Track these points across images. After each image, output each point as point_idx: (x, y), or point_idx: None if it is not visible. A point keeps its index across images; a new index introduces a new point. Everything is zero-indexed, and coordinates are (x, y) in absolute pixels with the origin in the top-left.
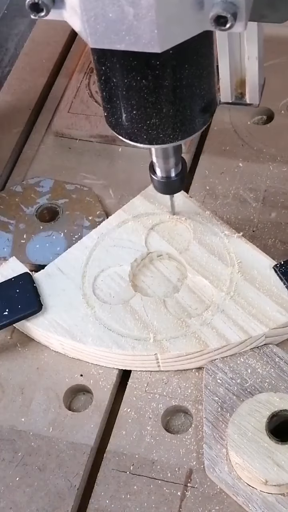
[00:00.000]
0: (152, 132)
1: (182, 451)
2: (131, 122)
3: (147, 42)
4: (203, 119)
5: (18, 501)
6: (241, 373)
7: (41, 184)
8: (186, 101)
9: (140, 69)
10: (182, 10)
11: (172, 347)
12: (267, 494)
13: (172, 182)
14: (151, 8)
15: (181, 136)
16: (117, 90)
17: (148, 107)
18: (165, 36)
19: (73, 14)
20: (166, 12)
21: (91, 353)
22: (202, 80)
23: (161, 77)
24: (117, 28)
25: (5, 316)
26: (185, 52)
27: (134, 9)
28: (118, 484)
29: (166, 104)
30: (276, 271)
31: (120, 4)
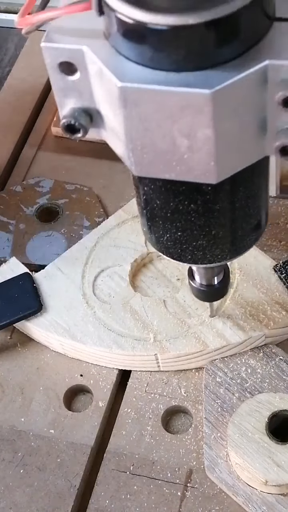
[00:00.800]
0: (197, 253)
1: (182, 451)
2: (174, 243)
3: (202, 173)
4: (255, 236)
5: (18, 501)
6: (241, 373)
7: (41, 184)
8: (238, 222)
9: (189, 194)
10: (243, 139)
11: (172, 347)
12: (267, 494)
13: (214, 290)
14: (209, 141)
15: (229, 256)
16: (161, 211)
17: (195, 230)
18: (223, 167)
19: (115, 137)
20: (225, 143)
21: (91, 353)
22: (256, 199)
23: (212, 201)
24: (167, 158)
25: (5, 316)
26: (240, 175)
27: (189, 141)
28: (118, 484)
29: (215, 227)
30: (276, 271)
31: (172, 136)
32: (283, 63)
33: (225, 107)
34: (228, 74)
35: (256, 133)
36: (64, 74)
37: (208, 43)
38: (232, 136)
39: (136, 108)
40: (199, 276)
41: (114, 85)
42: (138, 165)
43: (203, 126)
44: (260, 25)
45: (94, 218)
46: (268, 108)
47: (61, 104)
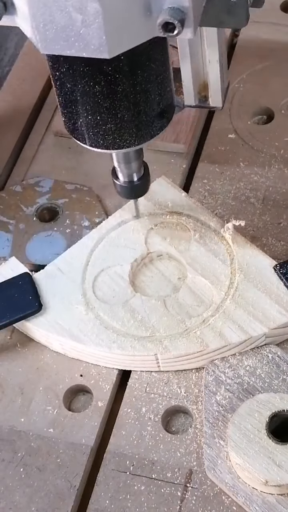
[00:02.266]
0: (108, 138)
1: (182, 451)
2: (87, 127)
3: (96, 48)
4: (160, 124)
5: (18, 502)
6: (241, 374)
7: (41, 184)
8: (141, 106)
9: (92, 74)
10: (130, 16)
11: (172, 347)
12: (267, 495)
13: (135, 187)
14: (98, 14)
15: (137, 141)
16: (72, 95)
17: (103, 112)
18: (114, 42)
19: (24, 20)
20: (113, 19)
21: (91, 353)
22: (157, 85)
23: (114, 82)
24: (66, 34)
25: (5, 316)
26: (137, 58)
27: (82, 15)
28: (118, 485)
29: (120, 110)
30: (276, 271)
31: (68, 11)
32: None
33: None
34: None
35: (142, 12)
36: None
37: None
38: (119, 12)
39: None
40: (121, 174)
41: None
42: (43, 42)
43: (91, 0)
44: None
45: (94, 218)
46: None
47: None
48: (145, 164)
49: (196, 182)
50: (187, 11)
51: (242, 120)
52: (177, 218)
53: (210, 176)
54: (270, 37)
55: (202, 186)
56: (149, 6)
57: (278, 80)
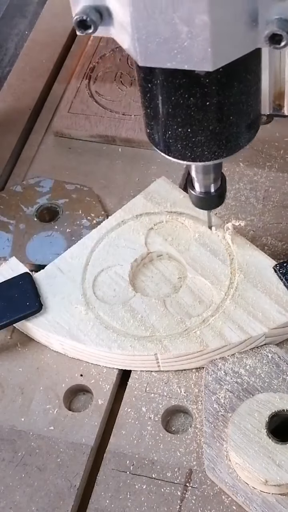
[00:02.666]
0: (196, 150)
1: (182, 451)
2: (175, 140)
3: (199, 60)
4: (248, 135)
5: (18, 501)
6: (241, 373)
7: (41, 184)
8: (233, 118)
9: (188, 87)
10: (236, 28)
11: (172, 347)
12: (267, 494)
13: (211, 198)
14: (205, 26)
15: (226, 153)
16: (163, 107)
17: (194, 125)
18: (218, 54)
19: (122, 31)
20: (220, 30)
21: (91, 353)
22: (250, 96)
23: (209, 94)
24: (169, 46)
25: (5, 316)
26: (235, 69)
27: (188, 27)
28: (118, 484)
29: (213, 122)
30: (276, 271)
31: (174, 23)
32: None
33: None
34: None
35: (248, 23)
36: None
37: None
38: (226, 24)
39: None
40: (198, 184)
41: None
42: (143, 55)
43: (201, 12)
44: None
45: (94, 218)
46: (259, 1)
47: (74, 2)
48: (223, 176)
49: None
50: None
51: None
52: (177, 218)
53: None
54: None
55: None
56: (255, 17)
57: None
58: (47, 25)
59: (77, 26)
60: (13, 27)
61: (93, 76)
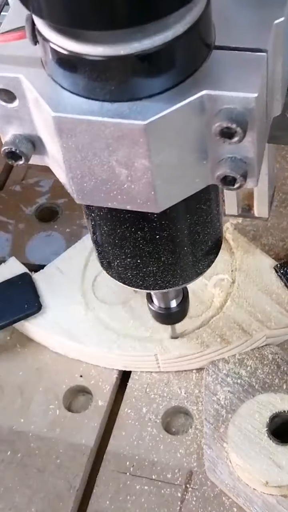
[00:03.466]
0: (149, 279)
1: (182, 452)
2: (124, 269)
3: (143, 202)
4: (207, 261)
5: (17, 502)
6: (242, 374)
7: (40, 184)
8: (187, 249)
9: (135, 222)
10: (184, 169)
11: (172, 348)
12: (268, 495)
13: (172, 314)
14: (147, 170)
15: (182, 281)
16: (109, 238)
17: (144, 256)
18: (164, 196)
19: (56, 164)
20: (165, 173)
21: (91, 354)
22: (206, 225)
23: (158, 228)
24: (107, 187)
25: (4, 317)
26: (185, 203)
27: (128, 170)
28: (118, 486)
29: (164, 253)
30: (277, 271)
31: (111, 165)
32: (220, 93)
33: (161, 138)
34: (162, 105)
35: (196, 162)
36: (4, 101)
37: (140, 74)
38: (171, 166)
39: (72, 138)
40: (157, 300)
41: (49, 114)
42: (79, 193)
43: (140, 157)
44: (197, 55)
45: None
46: (207, 138)
47: (3, 131)
48: (185, 290)
49: None
50: (251, 162)
51: None
52: None
53: None
54: None
55: None
56: (205, 156)
57: None
58: None
59: (7, 157)
60: None
61: None
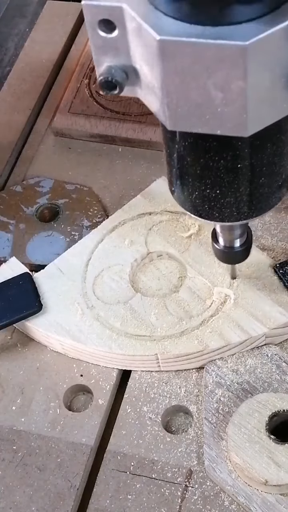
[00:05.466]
0: (225, 211)
1: (182, 451)
2: (202, 200)
3: (233, 126)
4: (279, 194)
5: (18, 501)
6: (241, 373)
7: (41, 184)
8: (264, 179)
9: (219, 150)
10: (274, 92)
11: (172, 347)
12: (267, 494)
13: (235, 253)
14: (242, 92)
15: (256, 213)
16: (191, 169)
17: (223, 186)
18: (254, 120)
19: (150, 93)
20: (257, 96)
21: (91, 353)
22: (283, 156)
23: (241, 157)
24: (201, 112)
25: (5, 316)
26: (268, 131)
27: (223, 93)
28: (118, 484)
29: (243, 184)
30: (276, 271)
31: (207, 89)
32: None
33: (259, 60)
34: (262, 28)
35: (285, 87)
36: (103, 32)
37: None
38: (263, 89)
39: (174, 61)
40: (223, 239)
41: (153, 39)
42: (172, 119)
43: (237, 79)
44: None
45: (94, 218)
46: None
47: (98, 62)
48: (248, 229)
49: None
50: None
51: None
52: (177, 218)
53: None
54: None
55: None
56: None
57: None
58: (47, 25)
59: (102, 87)
60: (13, 27)
61: (93, 76)
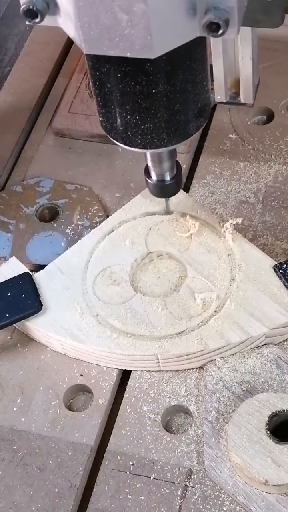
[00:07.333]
0: (146, 137)
1: (182, 451)
2: (125, 127)
3: (141, 48)
4: (197, 123)
5: (18, 501)
6: (241, 373)
7: (41, 184)
8: (180, 106)
9: (134, 74)
10: (175, 16)
11: (172, 347)
12: (267, 494)
13: (167, 186)
14: (144, 15)
15: (175, 140)
16: (112, 95)
17: (142, 112)
18: (159, 42)
19: (68, 20)
20: (159, 19)
21: (91, 353)
22: (196, 85)
23: (154, 82)
24: (111, 34)
25: (5, 316)
26: (178, 57)
27: (128, 15)
28: (118, 484)
29: (160, 109)
30: (276, 271)
31: (114, 11)
32: None
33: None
34: None
35: (186, 12)
36: None
37: None
38: (164, 12)
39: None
40: (154, 173)
41: None
42: (87, 43)
43: (138, 1)
44: None
45: (94, 218)
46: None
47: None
48: (178, 164)
49: (196, 182)
50: (231, 11)
51: (242, 120)
52: (177, 218)
53: (210, 176)
54: (270, 38)
55: (202, 186)
56: (193, 6)
57: (278, 81)
58: None
59: (24, 15)
60: (13, 27)
61: None
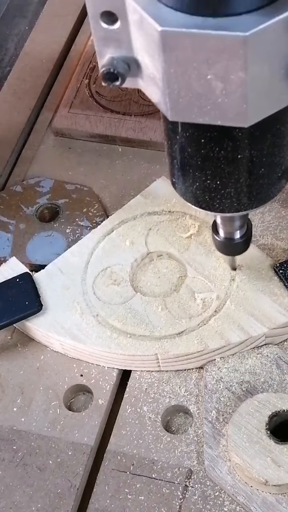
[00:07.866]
0: (226, 201)
1: (182, 451)
2: (203, 191)
3: (234, 116)
4: (279, 185)
5: (18, 501)
6: (241, 373)
7: (41, 184)
8: (264, 169)
9: (219, 140)
10: (273, 83)
11: (172, 347)
12: (267, 494)
13: (235, 244)
14: (242, 83)
15: (256, 204)
16: (191, 159)
17: (224, 177)
18: (254, 110)
19: (152, 84)
20: (257, 87)
21: (91, 353)
22: (282, 147)
23: (241, 148)
24: (201, 102)
25: (5, 316)
26: (268, 122)
27: (223, 84)
28: (118, 484)
29: (243, 174)
30: (276, 271)
31: (208, 79)
32: None
33: (258, 51)
34: (262, 19)
35: (284, 78)
36: (105, 23)
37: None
38: (263, 80)
39: (175, 52)
40: (223, 230)
41: (155, 30)
42: (173, 110)
43: (237, 69)
44: None
45: (94, 218)
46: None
47: (101, 53)
48: (248, 221)
49: None
50: None
51: None
52: (177, 218)
53: None
54: None
55: None
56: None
57: None
58: (47, 25)
59: (104, 79)
60: (13, 27)
61: (93, 76)
